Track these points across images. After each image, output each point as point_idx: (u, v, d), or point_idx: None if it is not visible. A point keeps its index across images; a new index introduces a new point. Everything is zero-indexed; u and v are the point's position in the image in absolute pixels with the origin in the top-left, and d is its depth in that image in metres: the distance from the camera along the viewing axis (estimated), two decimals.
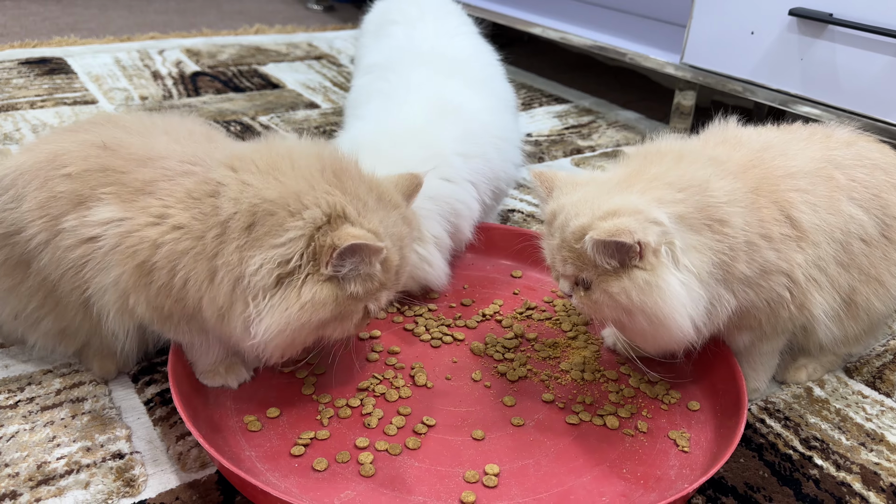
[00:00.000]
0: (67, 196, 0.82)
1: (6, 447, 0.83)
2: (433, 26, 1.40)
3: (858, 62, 1.42)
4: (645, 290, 0.77)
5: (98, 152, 0.85)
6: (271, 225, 0.76)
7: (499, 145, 1.21)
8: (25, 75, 1.93)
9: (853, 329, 0.94)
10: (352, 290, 0.77)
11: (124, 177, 0.82)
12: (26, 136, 1.57)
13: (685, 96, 1.78)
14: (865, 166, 0.92)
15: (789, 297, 0.85)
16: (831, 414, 0.97)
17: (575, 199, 0.82)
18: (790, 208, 0.84)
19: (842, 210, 0.88)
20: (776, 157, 0.88)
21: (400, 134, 1.12)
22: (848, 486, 0.86)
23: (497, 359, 1.01)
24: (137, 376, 0.96)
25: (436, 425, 0.89)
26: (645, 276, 0.77)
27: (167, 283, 0.79)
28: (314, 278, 0.76)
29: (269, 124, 1.77)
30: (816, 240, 0.85)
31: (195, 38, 2.41)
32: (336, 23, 2.80)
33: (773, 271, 0.84)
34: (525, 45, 2.63)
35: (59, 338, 0.92)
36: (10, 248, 0.86)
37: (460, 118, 1.17)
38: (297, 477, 0.80)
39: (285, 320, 0.75)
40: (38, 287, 0.87)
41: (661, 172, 0.83)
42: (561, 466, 0.84)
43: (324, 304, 0.76)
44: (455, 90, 1.23)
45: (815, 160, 0.90)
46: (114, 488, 0.79)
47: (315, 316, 0.76)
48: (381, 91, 1.26)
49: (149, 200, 0.80)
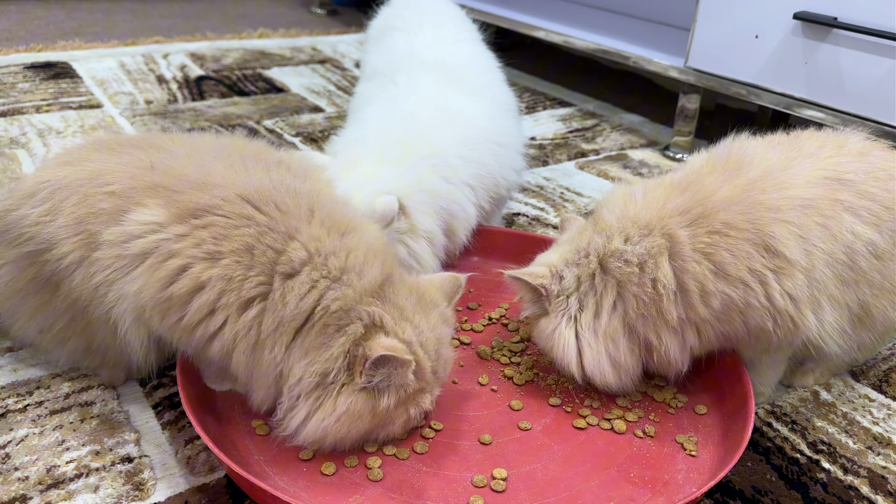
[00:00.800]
0: (109, 212, 0.80)
1: (16, 451, 0.83)
2: (433, 34, 1.40)
3: (863, 66, 1.42)
4: (541, 333, 0.93)
5: (145, 172, 0.82)
6: (323, 335, 0.77)
7: (497, 151, 1.21)
8: (31, 80, 1.93)
9: (867, 338, 0.94)
10: (386, 401, 0.78)
11: (175, 195, 0.79)
12: (32, 141, 1.57)
13: (689, 100, 1.78)
14: (879, 178, 0.90)
15: (772, 325, 0.86)
16: (838, 417, 0.97)
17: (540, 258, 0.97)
18: (772, 241, 0.84)
19: (842, 233, 0.86)
20: (770, 189, 0.87)
21: (399, 136, 1.12)
22: (856, 490, 0.86)
23: (504, 362, 1.01)
24: (145, 380, 0.96)
25: (443, 429, 0.89)
26: (545, 320, 0.92)
27: (193, 324, 0.78)
28: (349, 388, 0.77)
29: (274, 128, 1.78)
30: (809, 264, 0.84)
31: (199, 42, 2.42)
32: (339, 27, 2.81)
33: (743, 307, 0.84)
34: (528, 49, 2.64)
35: (84, 354, 0.91)
36: (39, 266, 0.84)
37: (459, 123, 1.18)
38: (305, 481, 0.80)
39: (323, 431, 0.78)
40: (66, 309, 0.85)
41: (571, 238, 0.95)
42: (569, 470, 0.84)
43: (360, 415, 0.78)
44: (453, 97, 1.23)
45: (817, 183, 0.88)
46: (123, 492, 0.79)
47: (353, 427, 0.78)
48: (381, 97, 1.26)
49: (201, 233, 0.77)
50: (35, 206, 0.84)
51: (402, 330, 0.80)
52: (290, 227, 0.79)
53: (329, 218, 0.82)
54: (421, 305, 0.84)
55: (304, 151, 1.60)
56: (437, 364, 0.83)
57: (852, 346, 0.94)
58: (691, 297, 0.85)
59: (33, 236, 0.83)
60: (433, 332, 0.83)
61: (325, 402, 0.77)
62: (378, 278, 0.81)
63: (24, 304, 0.88)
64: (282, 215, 0.79)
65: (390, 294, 0.81)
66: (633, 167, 1.72)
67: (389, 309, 0.80)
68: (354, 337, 0.77)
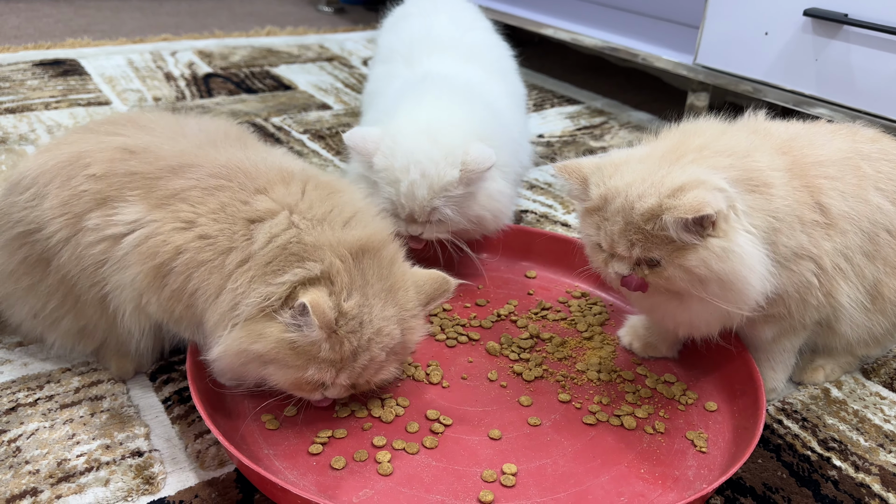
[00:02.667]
0: (91, 195, 0.83)
1: (26, 444, 0.83)
2: (448, 18, 1.44)
3: (874, 62, 1.41)
4: (723, 258, 0.78)
5: (124, 156, 0.85)
6: (285, 263, 0.77)
7: (515, 141, 1.24)
8: (40, 77, 1.94)
9: (879, 324, 0.93)
10: (295, 339, 0.76)
11: (154, 182, 0.82)
12: (41, 137, 1.58)
13: (699, 97, 1.77)
14: (891, 160, 0.92)
15: (817, 283, 0.85)
16: (849, 415, 0.97)
17: (629, 180, 0.81)
18: (820, 195, 0.84)
19: (869, 200, 0.88)
20: (805, 147, 0.89)
21: (436, 123, 1.13)
22: (867, 488, 0.85)
23: (513, 359, 1.01)
24: (155, 375, 0.96)
25: (452, 424, 0.89)
26: (720, 243, 0.78)
27: (180, 289, 0.80)
28: (268, 317, 0.77)
29: (282, 125, 1.78)
30: (844, 228, 0.85)
31: (207, 39, 2.42)
32: (347, 24, 2.81)
33: (804, 255, 0.84)
34: (536, 47, 2.63)
35: (78, 337, 0.92)
36: (31, 245, 0.87)
37: (490, 112, 1.21)
38: (315, 475, 0.80)
39: (232, 339, 0.77)
40: (57, 285, 0.87)
41: (705, 143, 0.84)
42: (578, 466, 0.84)
43: (265, 337, 0.76)
44: (481, 77, 1.27)
45: (843, 150, 0.90)
46: (133, 486, 0.79)
47: (254, 346, 0.77)
48: (405, 77, 1.29)
49: (179, 205, 0.80)
50: (21, 192, 0.87)
51: (348, 297, 0.78)
52: (258, 186, 0.82)
53: (315, 180, 0.84)
54: (388, 294, 0.82)
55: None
56: (361, 354, 0.80)
57: (864, 331, 0.93)
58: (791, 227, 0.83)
59: (21, 219, 0.86)
60: (379, 322, 0.80)
61: (243, 324, 0.77)
62: (356, 240, 0.80)
63: (18, 285, 0.90)
64: (251, 179, 0.82)
65: (366, 263, 0.80)
66: None
67: (355, 273, 0.79)
68: (307, 274, 0.77)
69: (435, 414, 0.89)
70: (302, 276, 0.77)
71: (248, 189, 0.81)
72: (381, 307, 0.80)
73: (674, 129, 0.90)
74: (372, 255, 0.81)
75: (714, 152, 0.83)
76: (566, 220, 1.43)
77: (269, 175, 0.83)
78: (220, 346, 0.78)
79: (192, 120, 0.95)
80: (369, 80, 1.48)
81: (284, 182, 0.83)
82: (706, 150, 0.83)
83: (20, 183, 0.88)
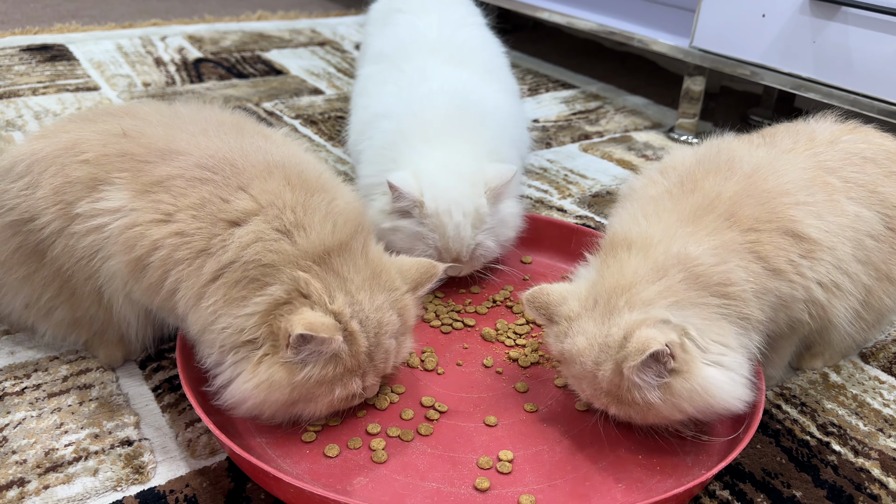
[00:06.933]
0: (83, 180, 0.81)
1: (13, 434, 0.82)
2: (439, 17, 1.39)
3: (873, 44, 1.40)
4: (692, 397, 0.75)
5: (118, 139, 0.83)
6: (246, 289, 0.75)
7: (515, 135, 1.23)
8: (27, 62, 1.91)
9: (864, 322, 0.93)
10: (310, 374, 0.75)
11: (142, 165, 0.80)
12: (29, 123, 1.55)
13: (695, 81, 1.75)
14: (854, 163, 0.91)
15: (808, 316, 0.85)
16: (848, 399, 0.96)
17: (581, 344, 0.78)
18: (795, 225, 0.82)
19: (846, 211, 0.87)
20: (768, 178, 0.85)
21: (438, 124, 1.11)
22: (867, 472, 0.85)
23: (509, 345, 1.00)
24: (145, 363, 0.94)
25: (448, 411, 0.87)
26: (684, 384, 0.75)
27: (157, 283, 0.78)
28: (272, 358, 0.75)
29: (274, 110, 1.75)
30: (830, 243, 0.83)
31: (197, 24, 2.39)
32: (339, 9, 2.77)
33: (789, 302, 0.83)
34: (531, 31, 2.61)
35: (71, 327, 0.91)
36: (24, 235, 0.85)
37: (490, 115, 1.19)
38: (308, 463, 0.79)
39: (241, 395, 0.75)
40: (52, 276, 0.85)
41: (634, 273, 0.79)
42: (576, 453, 0.83)
43: (279, 386, 0.75)
44: (474, 82, 1.24)
45: (806, 170, 0.88)
46: (123, 475, 0.78)
47: (271, 397, 0.75)
48: (397, 82, 1.25)
49: (161, 195, 0.78)
50: (14, 180, 0.85)
51: (333, 300, 0.76)
52: (241, 182, 0.79)
53: (298, 177, 0.81)
54: (371, 283, 0.80)
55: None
56: (376, 350, 0.79)
57: (855, 333, 0.93)
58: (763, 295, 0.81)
59: (14, 207, 0.84)
60: (375, 314, 0.79)
61: (247, 366, 0.75)
62: (326, 241, 0.78)
63: (10, 275, 0.88)
64: (236, 173, 0.80)
65: (336, 262, 0.78)
66: (637, 149, 1.70)
67: (327, 277, 0.77)
68: (272, 300, 0.75)
69: (430, 401, 0.88)
70: (267, 303, 0.75)
71: (231, 185, 0.79)
72: (369, 298, 0.79)
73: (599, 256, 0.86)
74: (339, 253, 0.78)
75: (646, 282, 0.78)
76: (562, 206, 1.41)
77: (255, 170, 0.80)
78: (232, 395, 0.76)
79: (188, 107, 0.92)
80: (357, 79, 1.43)
81: (266, 177, 0.80)
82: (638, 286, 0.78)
83: (13, 170, 0.86)
